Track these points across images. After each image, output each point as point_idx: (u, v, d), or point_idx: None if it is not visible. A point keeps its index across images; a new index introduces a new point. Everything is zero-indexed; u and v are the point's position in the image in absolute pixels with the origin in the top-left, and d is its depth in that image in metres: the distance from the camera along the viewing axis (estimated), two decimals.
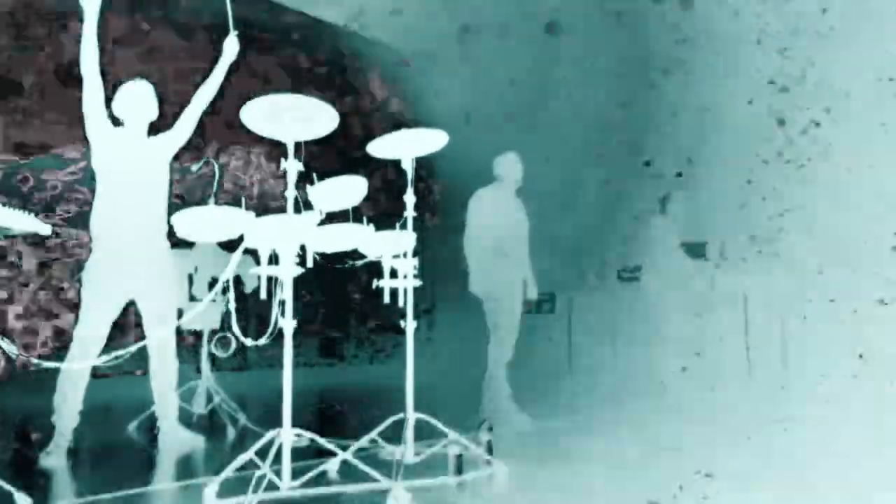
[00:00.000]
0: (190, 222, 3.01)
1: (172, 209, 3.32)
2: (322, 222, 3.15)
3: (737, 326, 6.70)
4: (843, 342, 5.76)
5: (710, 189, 6.94)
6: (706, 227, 7.01)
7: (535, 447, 4.08)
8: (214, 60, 4.09)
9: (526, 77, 8.12)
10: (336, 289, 8.57)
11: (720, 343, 6.57)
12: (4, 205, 2.53)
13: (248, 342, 2.88)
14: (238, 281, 4.37)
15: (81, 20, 3.66)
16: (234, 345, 4.85)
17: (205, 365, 4.93)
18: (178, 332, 4.10)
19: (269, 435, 2.75)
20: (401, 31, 8.77)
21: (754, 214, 6.71)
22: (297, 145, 2.91)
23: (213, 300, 4.09)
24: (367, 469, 2.83)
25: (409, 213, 3.54)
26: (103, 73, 3.74)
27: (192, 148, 4.58)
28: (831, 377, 5.57)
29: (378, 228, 3.42)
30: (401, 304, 3.52)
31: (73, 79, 3.96)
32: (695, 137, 7.15)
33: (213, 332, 4.95)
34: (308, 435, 2.84)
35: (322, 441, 2.91)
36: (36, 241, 6.28)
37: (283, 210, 2.83)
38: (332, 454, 2.99)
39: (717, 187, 6.95)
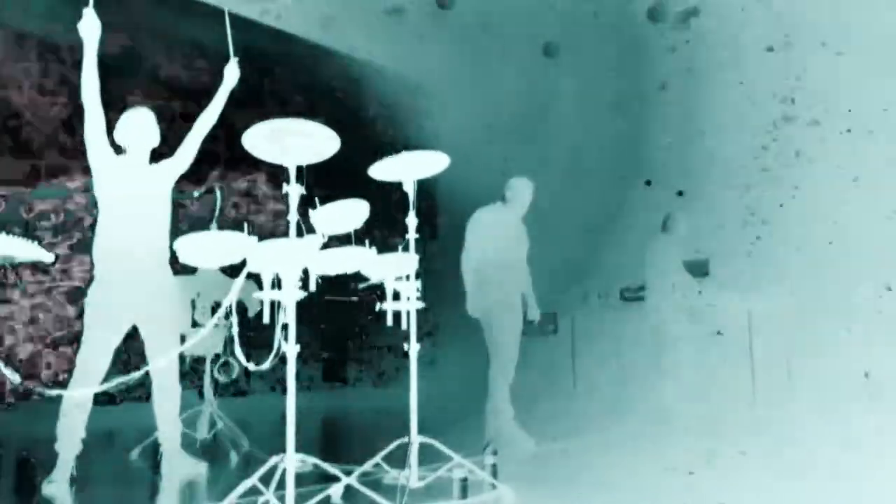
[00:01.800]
0: (192, 248, 3.02)
1: (174, 235, 3.33)
2: (324, 246, 3.15)
3: (741, 345, 6.67)
4: (850, 361, 5.73)
5: (713, 207, 6.95)
6: (709, 245, 7.01)
7: (539, 470, 4.06)
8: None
9: (526, 98, 8.16)
10: (339, 312, 8.55)
11: (725, 362, 6.54)
12: (8, 233, 2.53)
13: (251, 367, 2.88)
14: (241, 306, 4.37)
15: (82, 50, 3.69)
16: (237, 370, 4.84)
17: (208, 390, 4.92)
18: (181, 357, 4.09)
19: (272, 460, 2.74)
20: (402, 55, 8.84)
21: (757, 232, 6.71)
22: (299, 169, 2.92)
23: (216, 325, 4.09)
24: (371, 494, 2.81)
25: (412, 235, 3.55)
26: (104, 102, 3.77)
27: None
28: (838, 396, 5.54)
29: (380, 251, 3.43)
30: (404, 326, 3.51)
31: None
32: (695, 156, 7.17)
33: (216, 357, 4.94)
34: (312, 460, 2.82)
35: (326, 466, 2.89)
36: (39, 268, 6.30)
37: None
38: (336, 479, 2.97)
39: (719, 205, 6.95)
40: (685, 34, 7.17)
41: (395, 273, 3.54)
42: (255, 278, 2.90)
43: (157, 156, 3.99)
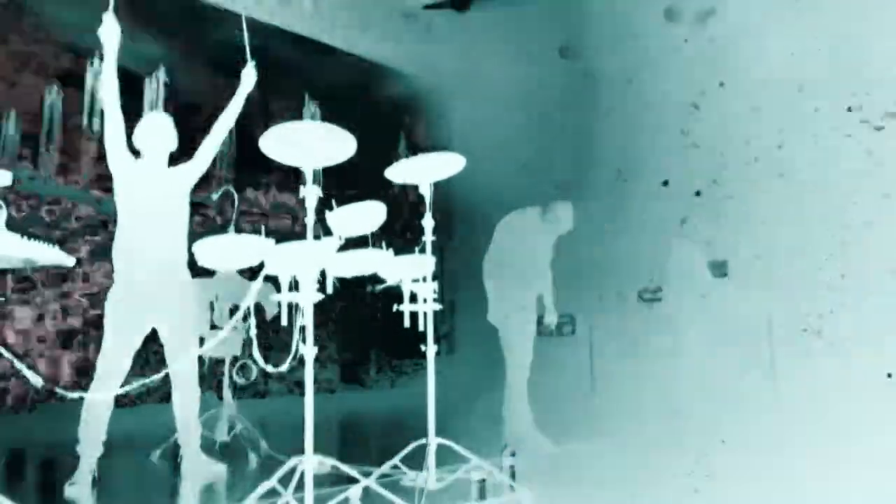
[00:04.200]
0: (210, 251, 3.04)
1: (192, 238, 3.35)
2: (341, 248, 3.16)
3: (761, 346, 6.61)
4: (871, 361, 5.67)
5: (731, 207, 6.89)
6: (727, 245, 6.96)
7: (558, 472, 4.04)
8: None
9: (542, 99, 8.15)
10: (356, 314, 8.58)
11: (744, 363, 6.48)
12: (29, 237, 2.56)
13: (270, 369, 2.89)
14: (259, 308, 4.39)
15: (101, 56, 3.73)
16: (255, 372, 4.87)
17: (227, 392, 4.94)
18: (200, 359, 4.11)
19: (291, 462, 2.74)
20: (419, 58, 8.86)
21: (777, 232, 6.65)
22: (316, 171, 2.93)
23: (235, 328, 4.12)
24: (389, 495, 2.81)
25: (428, 237, 3.55)
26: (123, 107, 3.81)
27: None
28: (859, 397, 5.48)
29: (397, 253, 3.43)
30: (421, 328, 3.51)
31: None
32: (712, 156, 7.12)
33: (235, 360, 4.96)
34: (330, 461, 2.83)
35: (344, 467, 2.89)
36: (60, 272, 6.36)
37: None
38: (355, 480, 2.97)
39: (737, 205, 6.90)
40: (702, 33, 7.13)
41: (412, 275, 3.54)
42: (273, 281, 2.91)
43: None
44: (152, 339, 3.91)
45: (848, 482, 3.50)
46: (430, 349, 3.52)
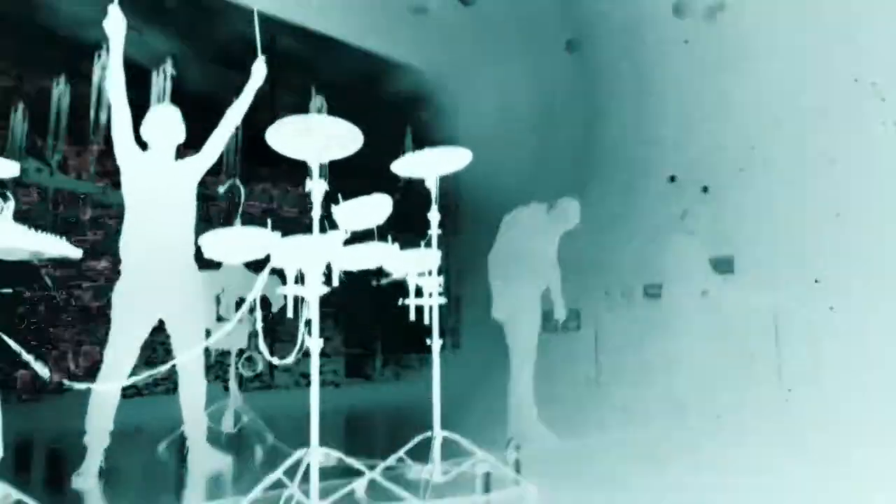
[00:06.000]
0: (217, 243, 3.04)
1: (199, 230, 3.36)
2: (347, 241, 3.16)
3: (768, 343, 6.60)
4: (879, 361, 5.65)
5: (739, 203, 6.88)
6: (734, 241, 6.94)
7: (562, 466, 4.04)
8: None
9: (548, 94, 8.14)
10: (362, 307, 8.59)
11: (751, 360, 6.47)
12: (37, 229, 2.57)
13: (276, 361, 2.90)
14: (265, 301, 4.40)
15: (108, 47, 3.74)
16: (261, 364, 4.89)
17: (233, 384, 4.96)
18: (207, 351, 4.13)
19: (296, 454, 2.75)
20: (426, 52, 8.84)
21: (784, 228, 6.63)
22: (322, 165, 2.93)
23: (241, 320, 4.14)
24: (394, 488, 2.82)
25: (434, 230, 3.55)
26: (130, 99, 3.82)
27: None
28: (867, 397, 5.46)
29: (403, 246, 3.43)
30: (426, 321, 3.52)
31: None
32: (720, 152, 7.10)
33: (241, 352, 4.98)
34: (336, 454, 2.84)
35: (350, 460, 2.90)
36: (67, 263, 6.39)
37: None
38: (360, 473, 2.98)
39: (745, 201, 6.88)
40: (711, 28, 7.11)
41: (418, 269, 3.54)
42: (279, 273, 2.92)
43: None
44: (159, 330, 3.92)
45: (853, 482, 3.50)
46: (436, 343, 3.53)
